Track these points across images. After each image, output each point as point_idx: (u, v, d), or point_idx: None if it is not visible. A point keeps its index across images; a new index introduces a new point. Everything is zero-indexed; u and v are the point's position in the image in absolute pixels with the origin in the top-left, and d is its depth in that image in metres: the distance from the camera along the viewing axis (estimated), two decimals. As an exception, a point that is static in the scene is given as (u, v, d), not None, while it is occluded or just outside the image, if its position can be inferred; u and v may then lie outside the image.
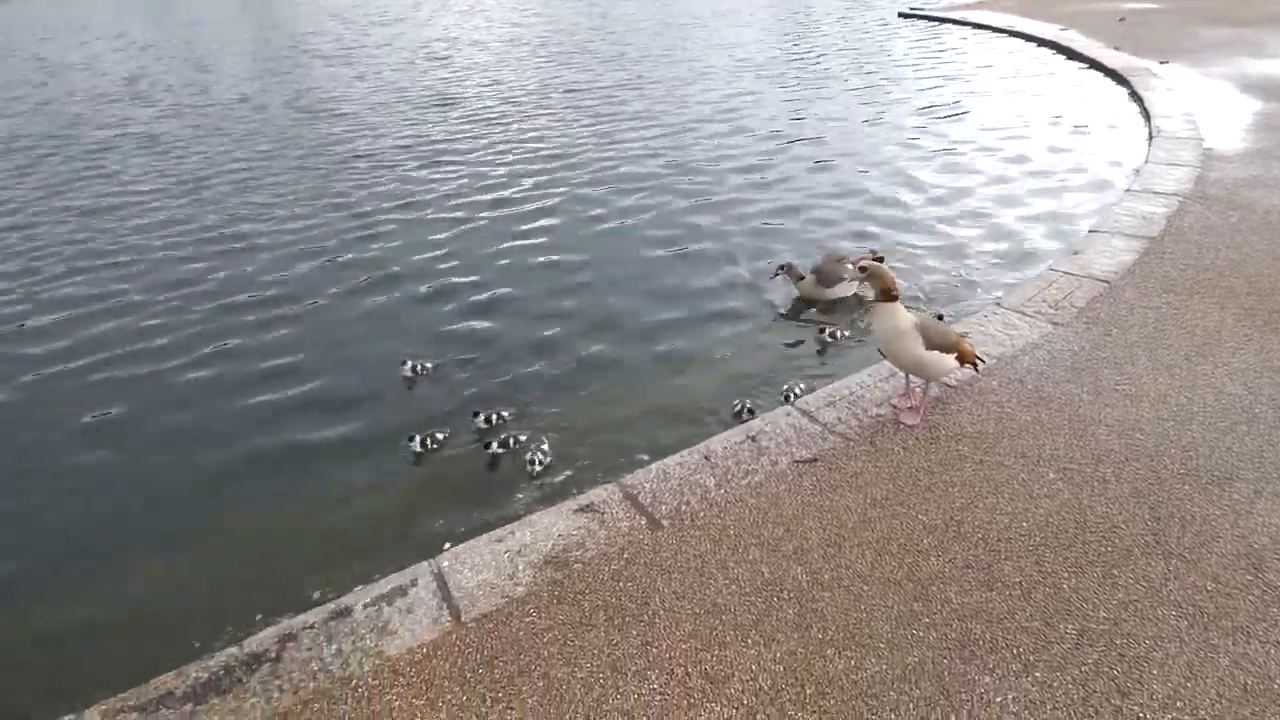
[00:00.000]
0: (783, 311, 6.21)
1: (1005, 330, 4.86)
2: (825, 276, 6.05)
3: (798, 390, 4.89)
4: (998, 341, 4.72)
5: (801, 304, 6.20)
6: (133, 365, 6.08)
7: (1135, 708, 2.53)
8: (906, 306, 3.91)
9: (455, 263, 7.56)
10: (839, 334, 5.65)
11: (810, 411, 4.19)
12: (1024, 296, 5.34)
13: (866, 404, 4.23)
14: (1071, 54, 14.36)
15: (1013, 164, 9.28)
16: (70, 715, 2.75)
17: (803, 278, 6.12)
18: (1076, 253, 6.01)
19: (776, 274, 6.20)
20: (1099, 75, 12.83)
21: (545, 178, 9.74)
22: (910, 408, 4.09)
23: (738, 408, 4.83)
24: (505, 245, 7.95)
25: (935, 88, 13.19)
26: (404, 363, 5.54)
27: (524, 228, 8.29)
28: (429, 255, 7.75)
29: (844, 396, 4.31)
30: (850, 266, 6.02)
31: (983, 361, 4.20)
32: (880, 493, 3.54)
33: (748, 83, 14.35)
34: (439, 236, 8.21)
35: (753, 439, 4.00)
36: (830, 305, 6.15)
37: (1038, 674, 2.63)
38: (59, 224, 9.17)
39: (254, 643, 3.01)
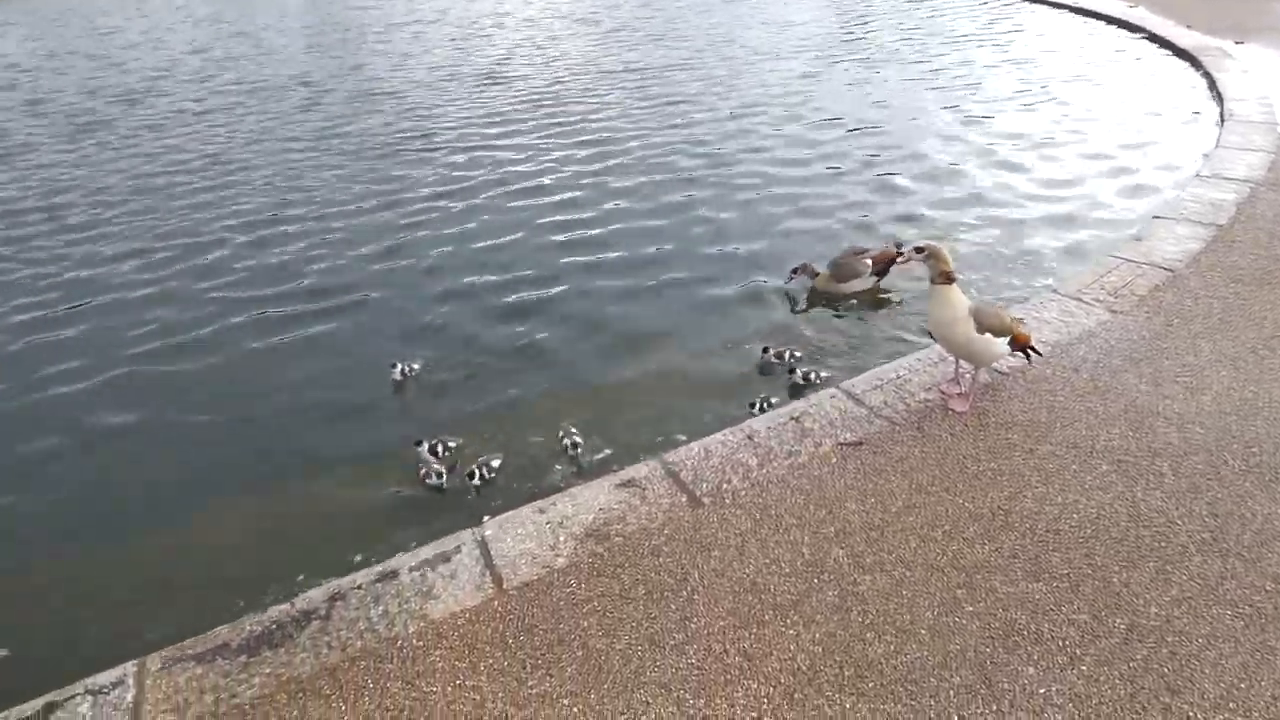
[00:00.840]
0: (801, 307, 6.16)
1: (1061, 317, 4.73)
2: (841, 272, 5.98)
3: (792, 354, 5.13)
4: (1053, 329, 4.59)
5: (818, 297, 6.12)
6: (188, 330, 6.27)
7: (1185, 706, 2.47)
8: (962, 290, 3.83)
9: (497, 243, 7.60)
10: (788, 356, 5.19)
11: (856, 394, 4.14)
12: (1082, 283, 5.18)
13: (914, 388, 4.16)
14: (1140, 32, 13.78)
15: (1074, 146, 8.97)
16: (133, 661, 2.88)
17: (818, 274, 6.07)
18: (1139, 239, 5.81)
19: (791, 278, 6.16)
20: (1169, 54, 12.29)
21: (592, 165, 9.59)
22: (959, 394, 4.01)
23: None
24: (547, 226, 7.96)
25: (996, 67, 12.78)
26: (393, 365, 5.33)
27: (572, 218, 8.21)
28: (472, 239, 7.77)
29: (891, 380, 4.25)
30: (868, 262, 5.96)
31: (1038, 353, 4.09)
32: (925, 478, 3.49)
33: (804, 64, 14.06)
34: (486, 219, 8.25)
35: (796, 420, 3.97)
36: (846, 299, 6.06)
37: (1084, 667, 2.59)
38: (99, 201, 9.35)
39: (304, 601, 3.10)
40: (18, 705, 2.75)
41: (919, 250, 3.77)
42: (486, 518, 3.54)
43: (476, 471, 4.24)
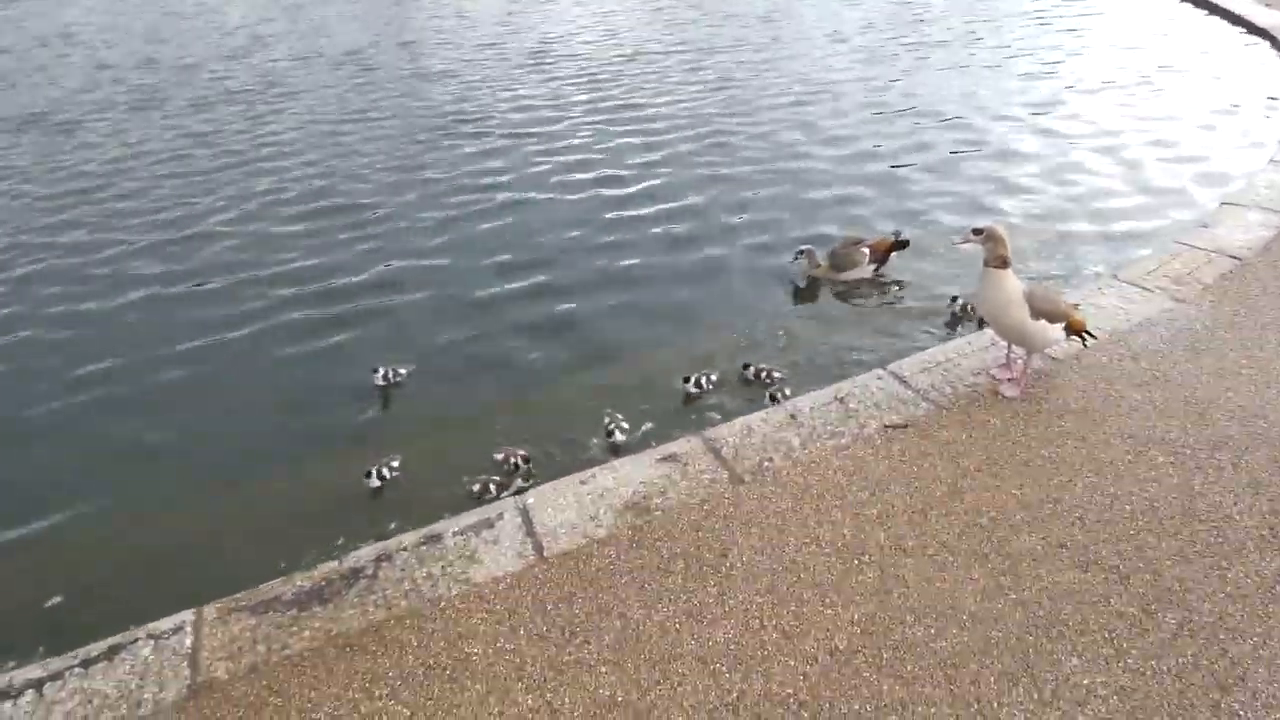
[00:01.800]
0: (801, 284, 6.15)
1: (1121, 304, 4.58)
2: (838, 261, 6.00)
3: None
4: (1111, 315, 4.46)
5: (816, 285, 6.11)
6: (234, 303, 6.43)
7: (1235, 704, 2.41)
8: (1016, 273, 3.73)
9: (547, 223, 7.62)
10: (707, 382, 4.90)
11: (903, 377, 4.08)
12: (1144, 269, 5.01)
13: (963, 372, 4.08)
14: (1214, 9, 13.15)
15: (1140, 129, 8.64)
16: (191, 610, 3.00)
17: (819, 265, 6.07)
18: (1206, 226, 5.59)
19: (796, 258, 6.12)
20: (1244, 32, 11.72)
21: (639, 156, 9.52)
22: (1010, 379, 3.93)
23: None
24: (596, 206, 7.96)
25: (1060, 46, 12.33)
26: (375, 371, 5.09)
27: (626, 204, 8.18)
28: (523, 213, 7.82)
29: (939, 363, 4.17)
30: (865, 252, 5.93)
31: (1093, 336, 3.97)
32: (972, 464, 3.43)
33: (867, 44, 13.69)
34: (538, 198, 8.27)
35: (841, 401, 3.93)
36: (844, 286, 6.04)
37: (1130, 660, 2.54)
38: (140, 183, 9.54)
39: (353, 559, 3.19)
40: (84, 646, 2.89)
41: (977, 232, 3.67)
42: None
43: (374, 471, 4.18)
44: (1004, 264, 3.63)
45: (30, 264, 7.25)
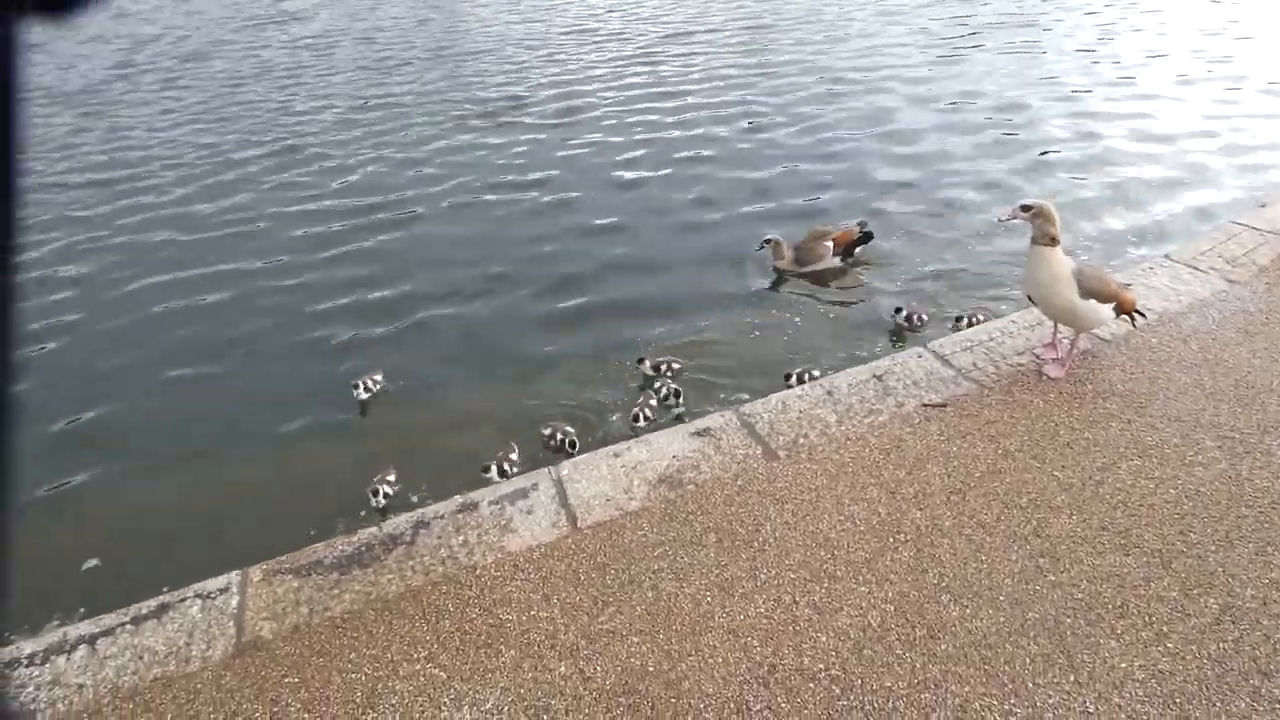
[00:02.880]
0: (768, 283, 6.04)
1: (1173, 284, 4.45)
2: (802, 255, 5.94)
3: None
4: (1163, 296, 4.33)
5: (782, 277, 6.03)
6: (282, 276, 6.54)
7: (1276, 690, 2.35)
8: (1066, 252, 3.64)
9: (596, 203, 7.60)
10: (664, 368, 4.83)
11: (944, 355, 4.02)
12: (1197, 250, 4.85)
13: (1006, 351, 4.01)
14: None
15: (1197, 106, 8.33)
16: (237, 571, 3.10)
17: (784, 256, 6.00)
18: (1264, 205, 5.39)
19: (762, 246, 6.03)
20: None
21: (682, 149, 9.45)
22: (1055, 359, 3.84)
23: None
24: (619, 183, 7.91)
25: (1113, 24, 11.89)
26: (355, 386, 4.78)
27: (675, 190, 8.14)
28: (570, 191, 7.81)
29: (982, 341, 4.10)
30: (829, 244, 5.86)
31: (1143, 315, 3.87)
32: (1013, 444, 3.38)
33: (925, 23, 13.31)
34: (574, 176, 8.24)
35: (879, 378, 3.89)
36: (808, 278, 5.96)
37: (1170, 644, 2.49)
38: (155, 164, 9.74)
39: (392, 525, 3.26)
40: (135, 604, 3.00)
41: (1026, 208, 3.58)
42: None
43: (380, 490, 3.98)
44: (1053, 242, 3.54)
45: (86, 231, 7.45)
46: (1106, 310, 3.61)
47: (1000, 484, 3.18)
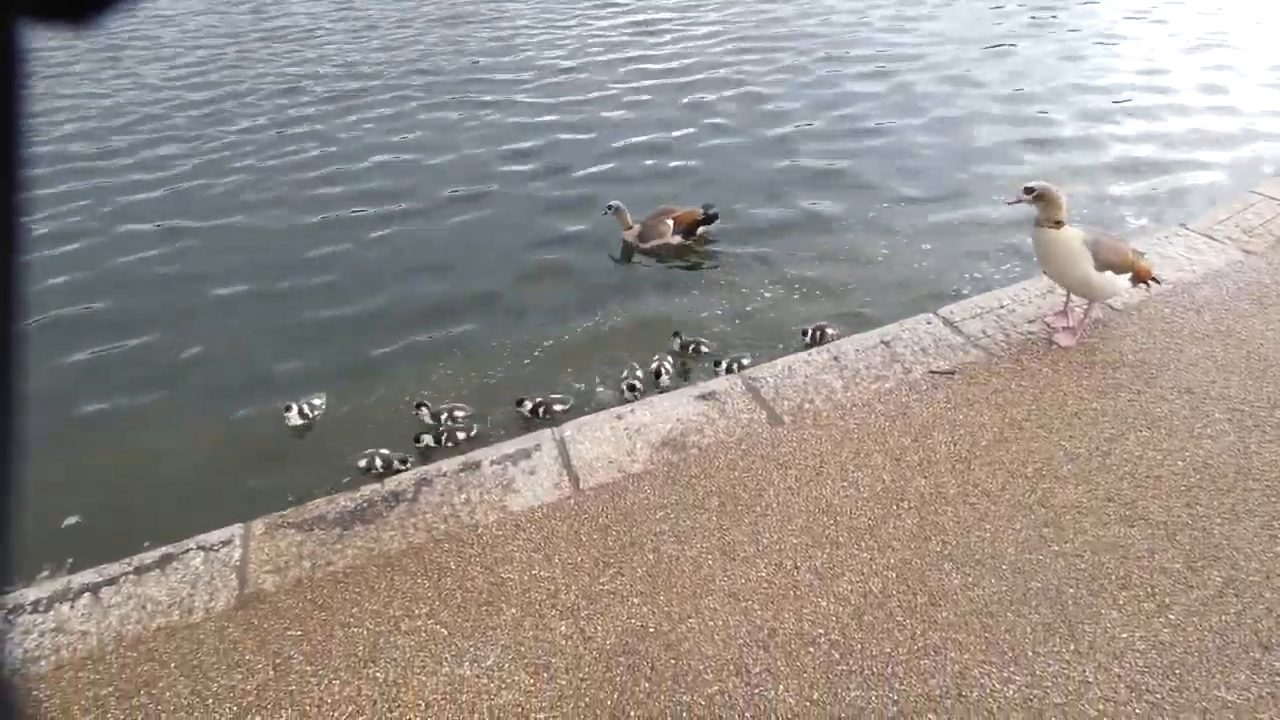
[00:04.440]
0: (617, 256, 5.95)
1: (1188, 254, 4.37)
2: (644, 233, 5.92)
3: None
4: (1177, 266, 4.26)
5: (630, 250, 6.00)
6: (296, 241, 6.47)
7: (1276, 663, 2.35)
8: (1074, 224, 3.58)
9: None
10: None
11: (953, 321, 3.97)
12: (1214, 219, 4.76)
13: (1016, 319, 3.95)
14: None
15: (1218, 74, 8.13)
16: (240, 524, 3.10)
17: (630, 227, 5.96)
18: (1284, 174, 5.28)
19: (606, 212, 5.98)
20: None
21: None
22: (1066, 328, 3.79)
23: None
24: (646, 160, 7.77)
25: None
26: (287, 409, 4.26)
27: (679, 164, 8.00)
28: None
29: (992, 309, 4.05)
30: (669, 223, 5.82)
31: (1157, 281, 3.81)
32: (1020, 413, 3.35)
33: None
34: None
35: (886, 344, 3.85)
36: (648, 254, 5.94)
37: (1172, 616, 2.49)
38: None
39: (394, 482, 3.25)
40: (138, 554, 3.01)
41: (1029, 190, 3.53)
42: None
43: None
44: (1056, 225, 3.51)
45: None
46: (1123, 280, 3.56)
47: (1006, 453, 3.16)
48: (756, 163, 7.16)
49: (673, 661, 2.46)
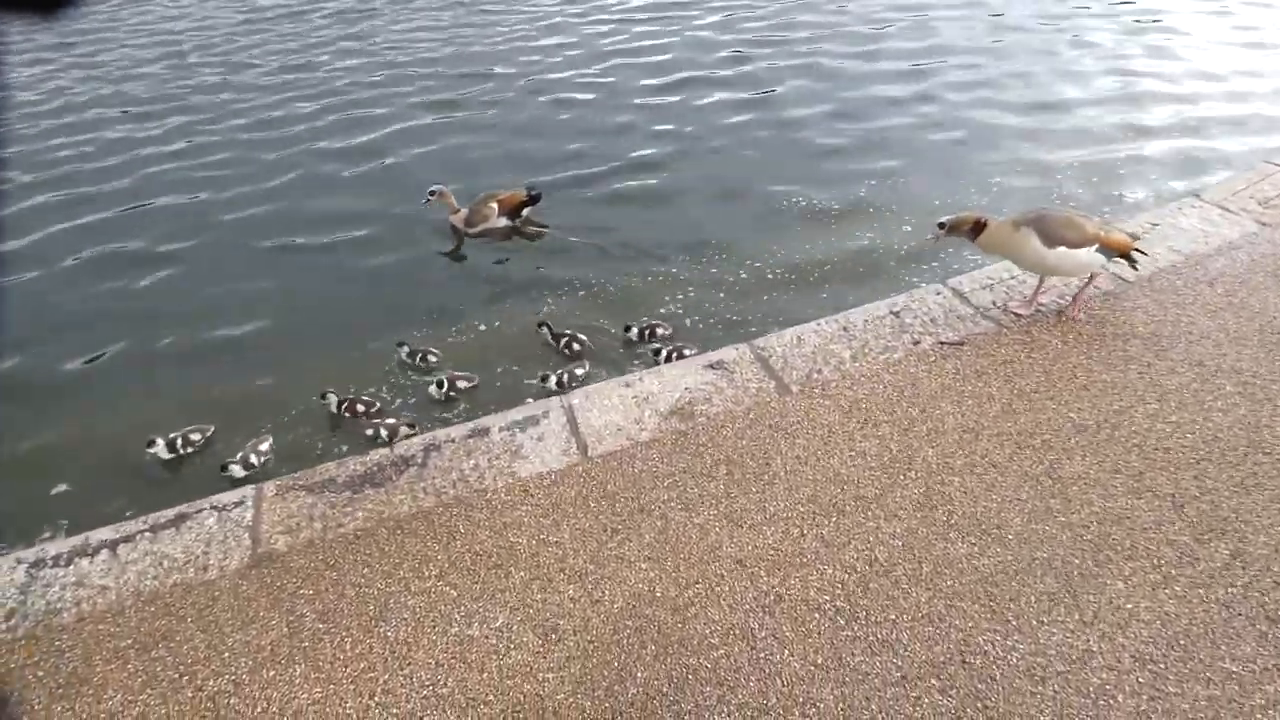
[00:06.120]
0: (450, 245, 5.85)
1: (1202, 225, 4.32)
2: (472, 216, 5.87)
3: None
4: (1191, 238, 4.21)
5: (458, 235, 5.93)
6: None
7: (1281, 637, 2.37)
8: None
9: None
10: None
11: (963, 292, 3.94)
12: (1229, 190, 4.70)
13: (1026, 290, 3.92)
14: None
15: (1240, 47, 7.96)
16: (251, 486, 3.13)
17: (457, 211, 5.90)
18: (1305, 145, 5.19)
19: (427, 200, 5.87)
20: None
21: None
22: (1023, 301, 3.81)
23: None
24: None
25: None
26: (150, 444, 3.90)
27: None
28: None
29: (1003, 280, 4.02)
30: (494, 206, 5.79)
31: (1143, 254, 3.75)
32: (1029, 384, 3.34)
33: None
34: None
35: (896, 315, 3.83)
36: (477, 239, 5.88)
37: (1177, 588, 2.50)
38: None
39: (403, 447, 3.27)
40: (154, 513, 3.05)
41: (941, 226, 3.68)
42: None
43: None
44: (976, 229, 3.61)
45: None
46: (1086, 255, 3.48)
47: (1014, 424, 3.16)
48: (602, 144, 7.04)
49: (679, 625, 2.50)
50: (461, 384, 4.19)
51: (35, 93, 8.96)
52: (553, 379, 4.19)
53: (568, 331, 4.53)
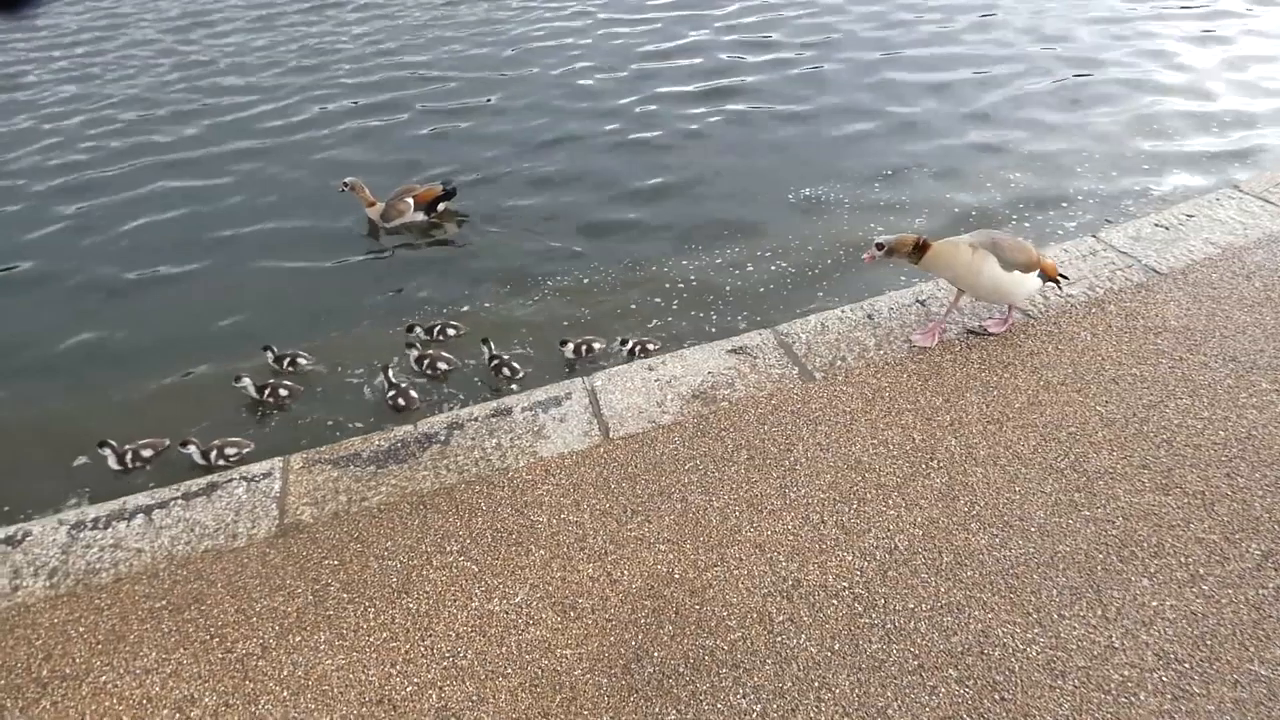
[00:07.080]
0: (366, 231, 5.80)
1: (1240, 217, 4.22)
2: (388, 211, 5.84)
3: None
4: (1228, 230, 4.12)
5: (376, 228, 5.88)
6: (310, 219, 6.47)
7: (1311, 641, 2.34)
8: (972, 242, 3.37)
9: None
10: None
11: (992, 283, 3.89)
12: (1270, 181, 4.58)
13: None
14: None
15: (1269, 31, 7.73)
16: (279, 458, 3.19)
17: (373, 204, 5.84)
18: (1354, 138, 5.04)
19: (342, 189, 5.81)
20: None
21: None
22: (929, 329, 3.58)
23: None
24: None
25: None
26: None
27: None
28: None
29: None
30: (410, 201, 5.76)
31: (1065, 278, 3.68)
32: (1056, 377, 3.30)
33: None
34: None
35: (922, 304, 3.79)
36: (394, 233, 5.86)
37: (1205, 587, 2.47)
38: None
39: (426, 425, 3.31)
40: (185, 481, 3.12)
41: (880, 247, 3.37)
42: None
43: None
44: (918, 250, 3.33)
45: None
46: (1033, 280, 3.41)
47: (1040, 416, 3.12)
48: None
49: (697, 607, 2.51)
50: (441, 365, 4.31)
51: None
52: (570, 346, 4.32)
53: (503, 354, 4.33)
